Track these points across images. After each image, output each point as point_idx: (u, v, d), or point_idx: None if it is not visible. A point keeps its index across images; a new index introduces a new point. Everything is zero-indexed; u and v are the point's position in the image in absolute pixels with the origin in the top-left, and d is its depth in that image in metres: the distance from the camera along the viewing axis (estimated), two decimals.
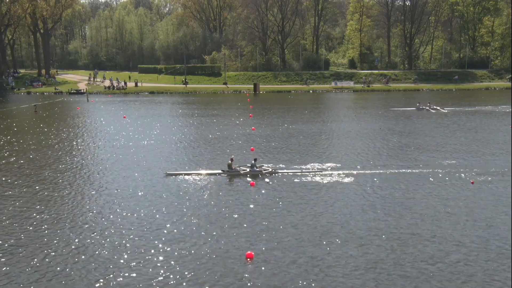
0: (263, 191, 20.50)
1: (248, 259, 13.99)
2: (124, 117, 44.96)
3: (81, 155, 28.38)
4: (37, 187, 21.53)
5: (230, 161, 23.29)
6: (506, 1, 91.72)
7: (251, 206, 18.67)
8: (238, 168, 23.11)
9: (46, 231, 16.23)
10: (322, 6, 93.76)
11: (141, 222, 17.05)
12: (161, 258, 14.17)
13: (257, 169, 22.94)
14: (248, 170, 23.02)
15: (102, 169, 24.86)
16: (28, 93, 77.07)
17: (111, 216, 17.70)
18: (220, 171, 23.15)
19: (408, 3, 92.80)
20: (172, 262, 13.92)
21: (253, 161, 23.32)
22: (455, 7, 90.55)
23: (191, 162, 26.17)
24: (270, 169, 23.20)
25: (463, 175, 22.71)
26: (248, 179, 22.30)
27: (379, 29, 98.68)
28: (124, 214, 17.92)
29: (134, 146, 30.70)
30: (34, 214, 17.88)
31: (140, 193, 20.43)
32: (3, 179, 23.03)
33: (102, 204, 19.20)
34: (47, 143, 32.07)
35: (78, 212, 18.20)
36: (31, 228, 16.58)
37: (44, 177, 23.27)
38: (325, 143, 31.30)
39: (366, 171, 23.54)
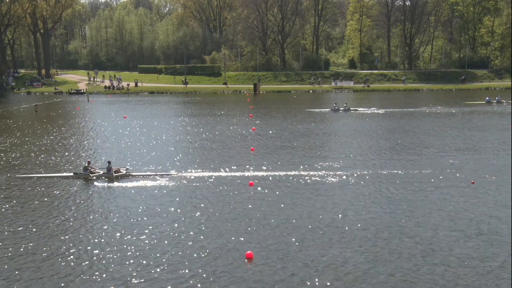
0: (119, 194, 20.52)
1: (248, 259, 13.99)
2: (125, 117, 44.99)
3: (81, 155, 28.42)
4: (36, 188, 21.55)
5: (86, 164, 23.31)
6: (506, 1, 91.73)
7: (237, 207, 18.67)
8: (92, 171, 22.95)
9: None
10: (322, 6, 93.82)
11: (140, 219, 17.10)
12: (158, 260, 14.17)
13: (111, 172, 22.78)
14: (101, 172, 22.99)
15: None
16: (28, 93, 77.13)
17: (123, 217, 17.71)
18: (72, 174, 23.09)
19: (408, 3, 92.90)
20: (167, 265, 13.93)
21: (107, 164, 23.22)
22: (455, 7, 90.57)
23: (194, 162, 26.18)
24: (125, 172, 23.11)
25: (462, 175, 22.73)
26: (105, 182, 22.12)
27: (379, 29, 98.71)
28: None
29: (134, 146, 30.75)
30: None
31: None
32: (5, 179, 23.03)
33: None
34: (50, 143, 32.07)
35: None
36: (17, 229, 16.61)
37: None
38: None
39: (366, 171, 23.57)
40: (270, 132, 35.59)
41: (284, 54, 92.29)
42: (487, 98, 53.99)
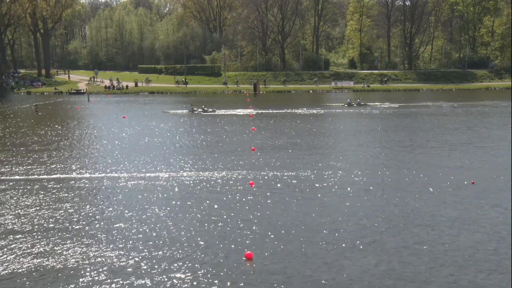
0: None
1: (247, 260, 14.00)
2: (124, 117, 45.01)
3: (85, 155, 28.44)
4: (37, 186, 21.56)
5: None
6: (506, 1, 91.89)
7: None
8: None
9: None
10: (322, 6, 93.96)
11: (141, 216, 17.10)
12: (158, 258, 14.18)
13: None
14: None
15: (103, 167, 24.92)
16: (28, 93, 77.15)
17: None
18: None
19: (408, 3, 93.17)
20: (166, 265, 13.95)
21: None
22: (455, 7, 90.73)
23: (194, 162, 26.19)
24: None
25: (462, 175, 22.74)
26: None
27: (379, 29, 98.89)
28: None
29: (133, 146, 30.78)
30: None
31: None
32: (8, 179, 23.05)
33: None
34: (53, 144, 32.08)
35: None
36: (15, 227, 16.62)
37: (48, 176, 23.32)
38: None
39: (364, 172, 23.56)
40: (271, 131, 35.63)
41: (284, 54, 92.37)
42: (348, 100, 54.78)
